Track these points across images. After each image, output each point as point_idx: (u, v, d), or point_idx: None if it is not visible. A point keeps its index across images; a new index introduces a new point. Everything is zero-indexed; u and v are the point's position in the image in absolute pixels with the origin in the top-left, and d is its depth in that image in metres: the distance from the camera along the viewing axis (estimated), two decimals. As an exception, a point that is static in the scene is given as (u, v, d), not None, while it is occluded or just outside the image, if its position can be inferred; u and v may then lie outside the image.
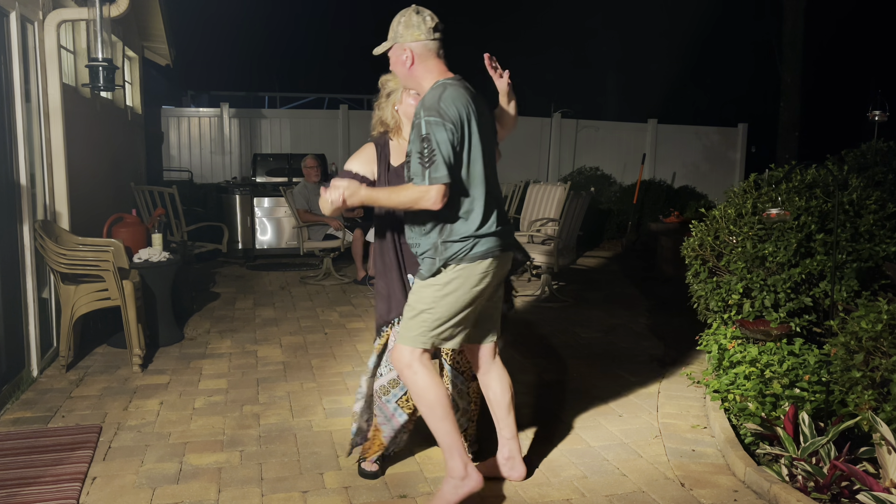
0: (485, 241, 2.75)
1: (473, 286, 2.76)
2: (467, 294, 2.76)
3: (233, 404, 4.05)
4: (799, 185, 4.47)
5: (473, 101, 2.75)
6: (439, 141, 2.59)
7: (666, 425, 3.80)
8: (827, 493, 2.86)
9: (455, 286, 2.74)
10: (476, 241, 2.73)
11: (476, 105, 2.76)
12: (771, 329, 3.95)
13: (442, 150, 2.59)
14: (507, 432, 3.11)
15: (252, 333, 5.57)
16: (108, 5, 5.05)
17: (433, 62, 2.78)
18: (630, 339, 5.52)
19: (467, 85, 2.80)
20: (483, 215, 2.74)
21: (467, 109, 2.68)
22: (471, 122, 2.69)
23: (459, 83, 2.77)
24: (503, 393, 3.08)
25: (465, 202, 2.72)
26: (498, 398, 3.09)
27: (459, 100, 2.67)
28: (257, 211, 8.95)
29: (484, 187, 2.74)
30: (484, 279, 2.77)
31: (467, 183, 2.71)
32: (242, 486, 3.08)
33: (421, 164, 2.60)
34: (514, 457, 3.11)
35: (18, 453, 3.32)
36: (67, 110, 4.97)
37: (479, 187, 2.73)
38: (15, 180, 4.25)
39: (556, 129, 12.72)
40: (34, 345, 4.41)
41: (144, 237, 5.33)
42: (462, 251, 2.72)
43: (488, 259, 2.76)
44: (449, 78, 2.78)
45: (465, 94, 2.72)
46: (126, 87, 8.15)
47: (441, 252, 2.73)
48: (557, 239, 6.48)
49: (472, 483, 2.78)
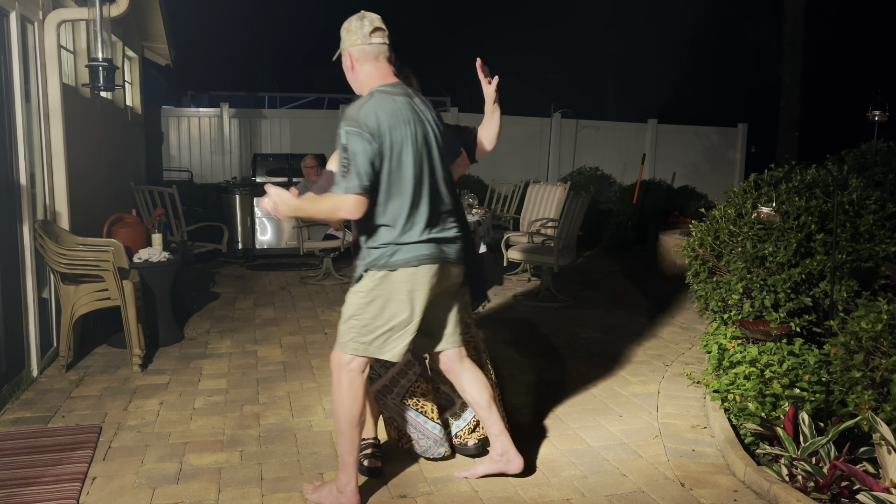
0: (409, 249, 2.72)
1: (398, 294, 2.74)
2: (393, 303, 2.74)
3: (233, 404, 4.05)
4: (799, 185, 4.47)
5: (408, 108, 2.73)
6: (356, 151, 2.60)
7: (666, 425, 3.80)
8: (827, 493, 2.86)
9: (377, 294, 2.74)
10: (397, 249, 2.71)
11: (411, 112, 2.73)
12: (771, 329, 3.95)
13: (358, 161, 2.60)
14: (494, 429, 3.09)
15: (252, 333, 5.57)
16: (108, 5, 5.05)
17: (371, 67, 2.78)
18: (630, 339, 5.52)
19: (407, 91, 2.79)
20: (410, 223, 2.72)
21: (393, 118, 2.67)
22: (396, 130, 2.66)
23: (393, 91, 2.75)
24: (479, 393, 3.05)
25: (391, 209, 2.71)
26: (475, 399, 3.06)
27: (384, 108, 2.66)
28: (257, 211, 8.95)
29: (412, 196, 2.71)
30: (414, 289, 2.74)
31: (393, 190, 2.69)
32: (242, 486, 3.09)
33: (340, 174, 2.63)
34: (507, 451, 3.09)
35: (18, 453, 3.32)
36: (67, 110, 4.97)
37: (407, 195, 2.70)
38: (15, 180, 4.25)
39: (556, 129, 12.73)
40: (34, 345, 4.41)
41: (144, 237, 5.33)
42: (381, 258, 2.72)
43: (413, 268, 2.72)
44: (386, 84, 2.77)
45: (395, 103, 2.70)
46: (126, 87, 8.15)
47: (364, 257, 2.77)
48: (557, 239, 6.48)
49: (345, 501, 2.85)
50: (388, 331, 2.78)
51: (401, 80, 3.07)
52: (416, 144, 2.72)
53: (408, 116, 2.71)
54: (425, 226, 2.76)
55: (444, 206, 2.84)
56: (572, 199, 6.48)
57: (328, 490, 2.92)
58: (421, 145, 2.74)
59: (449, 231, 2.85)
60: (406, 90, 2.81)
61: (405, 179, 2.70)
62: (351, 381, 2.80)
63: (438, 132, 2.86)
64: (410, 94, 2.81)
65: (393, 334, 2.79)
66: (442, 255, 2.81)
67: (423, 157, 2.75)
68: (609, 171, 12.04)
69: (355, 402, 2.81)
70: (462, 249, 2.93)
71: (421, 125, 2.76)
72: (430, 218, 2.77)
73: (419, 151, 2.73)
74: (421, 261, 2.74)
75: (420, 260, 2.74)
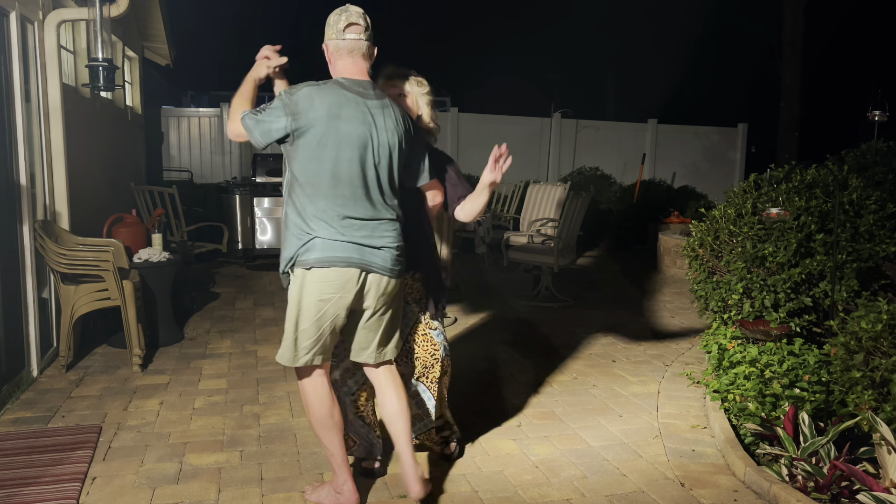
0: (320, 244, 2.63)
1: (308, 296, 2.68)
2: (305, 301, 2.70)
3: (233, 404, 4.05)
4: (799, 185, 4.47)
5: (354, 106, 2.64)
6: (272, 109, 2.62)
7: (666, 425, 3.80)
8: (827, 493, 2.86)
9: (293, 294, 2.74)
10: (312, 237, 2.64)
11: (355, 111, 2.64)
12: (771, 329, 3.95)
13: (266, 116, 2.62)
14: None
15: (252, 333, 5.57)
16: (108, 5, 5.05)
17: (344, 63, 2.72)
18: (630, 339, 5.52)
19: (366, 92, 2.69)
20: (323, 211, 2.63)
21: (328, 110, 2.60)
22: (325, 122, 2.60)
23: (349, 86, 2.66)
24: (390, 410, 2.89)
25: (308, 197, 2.65)
26: (386, 415, 2.90)
27: (323, 98, 2.61)
28: (257, 211, 8.94)
29: (341, 187, 2.62)
30: (323, 289, 2.65)
31: (314, 173, 2.63)
32: (242, 486, 3.09)
33: (254, 110, 2.68)
34: (407, 473, 2.85)
35: (18, 453, 3.32)
36: (67, 110, 4.97)
37: (331, 184, 2.62)
38: (15, 180, 4.25)
39: (556, 129, 12.72)
40: (34, 345, 4.41)
41: (144, 237, 5.33)
42: (299, 252, 2.66)
43: (324, 269, 2.63)
44: (351, 79, 2.69)
45: (341, 97, 2.63)
46: (126, 87, 8.15)
47: (283, 246, 2.75)
48: (557, 239, 6.48)
49: (344, 500, 2.85)
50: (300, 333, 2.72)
51: (396, 79, 3.08)
52: (344, 142, 2.62)
53: (349, 114, 2.63)
54: (347, 226, 2.64)
55: (374, 212, 2.69)
56: (572, 199, 6.48)
57: (327, 490, 2.92)
58: (354, 145, 2.63)
59: (378, 240, 2.70)
60: (367, 91, 2.70)
61: (322, 172, 2.62)
62: (313, 385, 2.78)
63: (393, 141, 2.71)
64: (368, 96, 2.69)
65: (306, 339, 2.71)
66: (363, 262, 2.66)
67: (352, 157, 2.63)
68: (609, 171, 12.04)
69: (321, 405, 2.78)
70: (396, 261, 2.75)
71: (365, 126, 2.65)
72: (356, 220, 2.65)
73: (350, 150, 2.63)
74: (332, 262, 2.63)
75: (331, 262, 2.63)
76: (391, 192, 2.76)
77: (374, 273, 2.70)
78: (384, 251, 2.71)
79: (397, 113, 2.77)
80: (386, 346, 2.89)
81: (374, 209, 2.70)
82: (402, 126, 2.77)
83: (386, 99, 2.77)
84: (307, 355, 2.72)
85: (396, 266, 2.76)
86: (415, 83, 3.12)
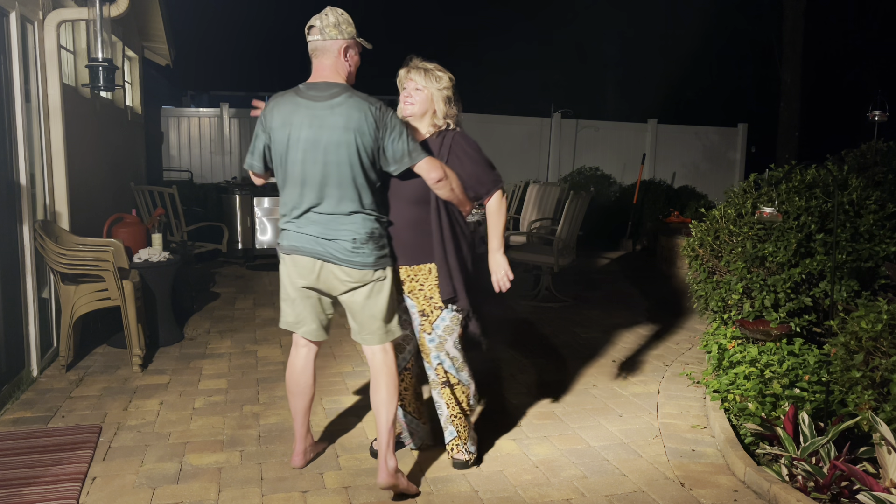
0: (286, 234, 2.96)
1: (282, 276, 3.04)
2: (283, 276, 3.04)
3: (233, 404, 4.05)
4: (799, 185, 4.47)
5: (302, 110, 2.83)
6: (255, 135, 2.99)
7: (666, 425, 3.80)
8: (827, 493, 2.86)
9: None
10: (283, 233, 2.99)
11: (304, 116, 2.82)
12: (771, 329, 3.95)
13: (253, 143, 3.00)
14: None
15: (252, 333, 5.57)
16: (108, 5, 5.05)
17: (312, 65, 2.94)
18: (630, 339, 5.52)
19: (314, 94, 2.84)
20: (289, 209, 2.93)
21: (283, 118, 2.85)
22: (283, 129, 2.85)
23: (300, 91, 2.88)
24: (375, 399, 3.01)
25: (284, 196, 2.96)
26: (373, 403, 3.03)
27: (281, 107, 2.88)
28: (257, 211, 8.94)
29: (296, 188, 2.88)
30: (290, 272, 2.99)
31: (281, 176, 2.94)
32: (242, 486, 3.09)
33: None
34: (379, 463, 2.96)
35: (18, 453, 3.32)
36: (67, 110, 4.97)
37: (291, 184, 2.90)
38: (15, 180, 4.25)
39: (556, 129, 12.72)
40: (34, 345, 4.41)
41: (144, 237, 5.33)
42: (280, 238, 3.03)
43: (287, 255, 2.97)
44: (307, 83, 2.91)
45: (291, 104, 2.86)
46: (126, 87, 8.15)
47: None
48: (557, 239, 6.48)
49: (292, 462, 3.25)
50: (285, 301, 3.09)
51: (413, 72, 3.10)
52: (295, 146, 2.85)
53: (299, 120, 2.84)
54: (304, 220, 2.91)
55: (312, 207, 2.88)
56: (572, 199, 6.48)
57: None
58: (304, 148, 2.84)
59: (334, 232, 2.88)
60: (319, 93, 2.83)
61: (291, 170, 2.89)
62: (292, 351, 3.19)
63: (344, 138, 2.80)
64: (318, 98, 2.83)
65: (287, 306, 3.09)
66: (316, 253, 2.90)
67: (304, 160, 2.84)
68: (609, 171, 12.04)
69: (290, 371, 3.17)
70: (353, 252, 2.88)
71: (312, 130, 2.82)
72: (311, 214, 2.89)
73: (301, 153, 2.84)
74: (293, 251, 2.94)
75: (293, 250, 2.94)
76: (352, 186, 2.87)
77: (330, 263, 2.91)
78: (337, 242, 2.89)
79: (351, 109, 2.83)
80: (365, 331, 3.02)
81: (329, 204, 2.88)
82: (356, 122, 2.82)
83: (341, 97, 2.84)
84: (285, 322, 3.13)
85: (354, 257, 2.90)
86: (433, 79, 3.11)
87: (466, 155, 3.12)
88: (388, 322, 3.02)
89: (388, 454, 2.92)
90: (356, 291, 2.98)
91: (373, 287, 2.97)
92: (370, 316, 3.00)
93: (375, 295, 2.98)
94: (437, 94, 3.12)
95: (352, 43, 2.92)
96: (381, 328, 3.01)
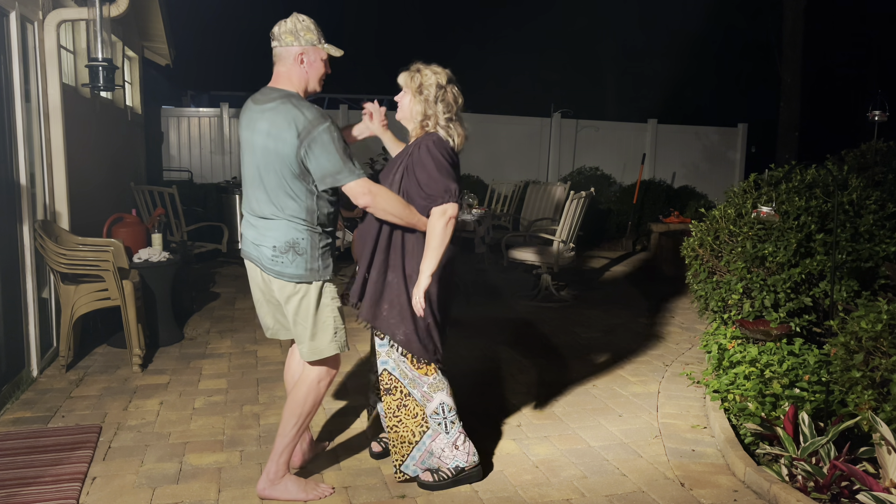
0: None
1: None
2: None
3: (233, 404, 4.05)
4: (799, 185, 4.47)
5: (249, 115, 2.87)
6: None
7: (666, 425, 3.80)
8: (827, 493, 2.86)
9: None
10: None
11: (248, 120, 2.87)
12: (771, 329, 3.95)
13: None
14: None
15: (252, 333, 5.57)
16: (108, 5, 5.05)
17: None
18: (630, 339, 5.52)
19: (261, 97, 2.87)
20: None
21: (241, 123, 2.93)
22: (241, 133, 2.93)
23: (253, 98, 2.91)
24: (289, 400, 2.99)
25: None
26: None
27: (242, 115, 2.94)
28: (257, 211, 8.94)
29: (244, 191, 2.95)
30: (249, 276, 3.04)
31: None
32: (242, 486, 3.09)
33: None
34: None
35: (18, 453, 3.32)
36: (67, 110, 4.97)
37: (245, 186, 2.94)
38: (15, 180, 4.25)
39: (556, 129, 12.72)
40: (34, 345, 4.41)
41: (144, 237, 5.33)
42: None
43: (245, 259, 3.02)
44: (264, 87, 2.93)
45: (246, 107, 2.92)
46: (126, 87, 8.15)
47: None
48: (557, 239, 6.48)
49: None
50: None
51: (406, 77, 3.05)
52: (242, 148, 2.92)
53: (244, 122, 2.90)
54: (245, 221, 2.97)
55: (250, 210, 2.92)
56: (572, 199, 6.48)
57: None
58: (245, 150, 2.90)
59: (261, 237, 2.87)
60: (263, 96, 2.86)
61: (244, 172, 2.94)
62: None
63: (269, 144, 2.77)
64: (259, 101, 2.85)
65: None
66: (252, 257, 2.94)
67: (245, 162, 2.90)
68: (609, 171, 12.03)
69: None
70: (272, 261, 2.83)
71: (249, 132, 2.87)
72: (249, 216, 2.94)
73: (243, 155, 2.92)
74: (244, 254, 3.00)
75: (244, 253, 3.00)
76: (279, 192, 2.80)
77: (262, 269, 2.90)
78: (261, 249, 2.87)
79: (278, 116, 2.76)
80: (297, 342, 2.97)
81: (262, 208, 2.86)
82: (278, 129, 2.75)
83: (274, 103, 2.80)
84: (263, 326, 3.16)
85: (274, 265, 2.85)
86: (410, 79, 3.02)
87: (421, 164, 2.93)
88: (313, 339, 2.89)
89: (271, 459, 2.96)
90: (289, 300, 2.88)
91: (298, 301, 2.87)
92: (296, 329, 2.92)
93: (303, 310, 2.88)
94: (417, 96, 3.00)
95: (309, 50, 2.84)
96: (305, 344, 2.90)
